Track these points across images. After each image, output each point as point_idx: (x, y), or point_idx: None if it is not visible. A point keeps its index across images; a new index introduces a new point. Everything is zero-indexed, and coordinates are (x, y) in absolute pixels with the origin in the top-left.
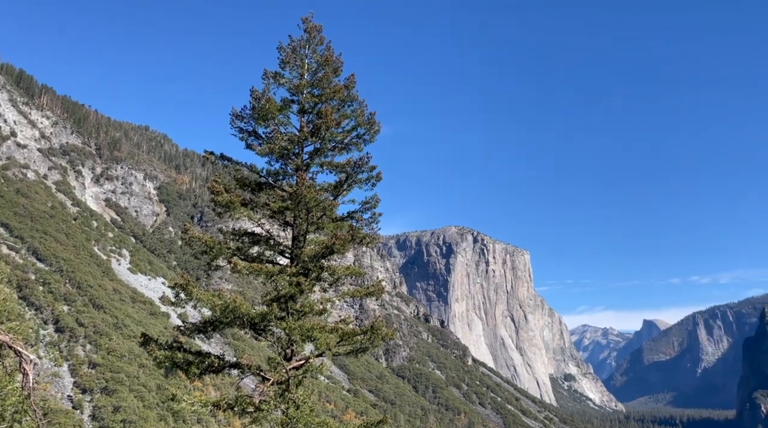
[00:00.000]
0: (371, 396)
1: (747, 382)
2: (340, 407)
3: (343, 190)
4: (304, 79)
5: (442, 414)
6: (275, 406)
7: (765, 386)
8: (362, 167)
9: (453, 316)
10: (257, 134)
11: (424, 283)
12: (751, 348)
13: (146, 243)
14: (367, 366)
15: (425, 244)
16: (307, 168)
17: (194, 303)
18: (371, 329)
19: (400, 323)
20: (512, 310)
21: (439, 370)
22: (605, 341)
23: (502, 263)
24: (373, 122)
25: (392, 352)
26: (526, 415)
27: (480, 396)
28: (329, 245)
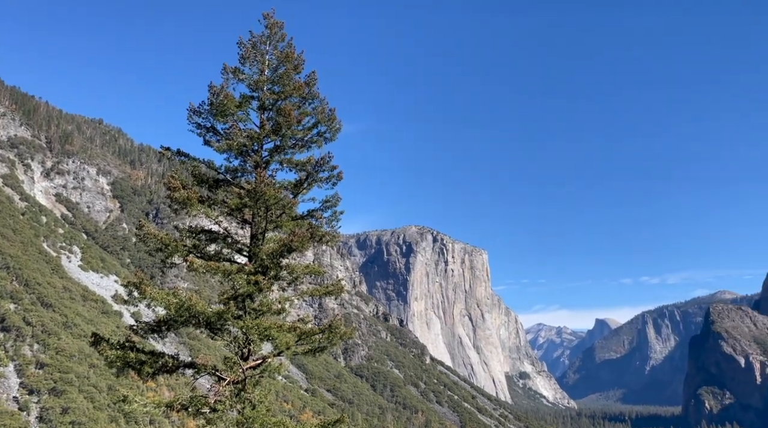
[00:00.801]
0: (329, 395)
1: (692, 379)
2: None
3: (303, 188)
4: (264, 75)
5: (400, 413)
6: (231, 406)
7: (709, 383)
8: (323, 165)
9: (412, 315)
10: (215, 130)
11: (383, 282)
12: (697, 347)
13: (99, 240)
14: (325, 365)
15: (385, 243)
16: (267, 165)
17: (148, 302)
18: (330, 328)
19: (359, 322)
20: (470, 309)
21: (398, 369)
22: (559, 339)
23: (460, 262)
24: (334, 119)
25: (351, 351)
26: (482, 413)
27: (437, 395)
28: (288, 243)
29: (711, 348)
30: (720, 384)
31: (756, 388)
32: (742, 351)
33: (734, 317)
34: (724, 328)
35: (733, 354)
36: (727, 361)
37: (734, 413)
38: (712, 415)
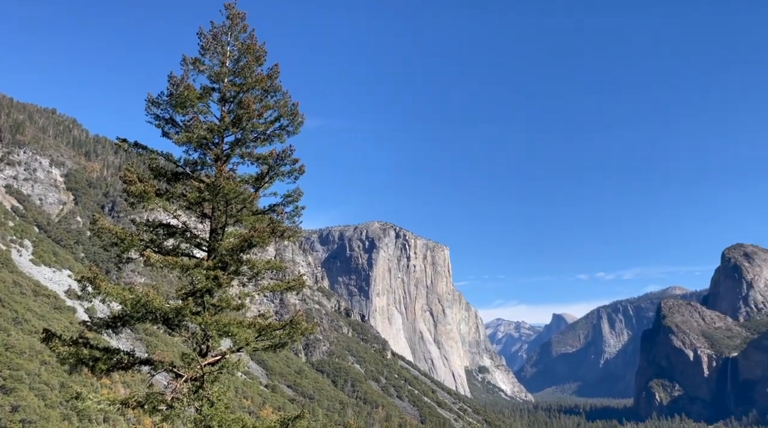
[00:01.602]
0: (290, 391)
1: (644, 372)
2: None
3: (264, 182)
4: (226, 67)
5: (361, 408)
6: (188, 403)
7: (660, 376)
8: (285, 159)
9: (374, 310)
10: (174, 121)
11: (346, 278)
12: (648, 341)
13: (51, 233)
14: (286, 361)
15: (348, 239)
16: (227, 159)
17: (103, 297)
18: (291, 323)
19: (320, 317)
20: (431, 304)
21: (359, 364)
22: (517, 334)
23: (422, 258)
24: (297, 113)
25: (312, 347)
26: (441, 407)
27: (398, 389)
28: (249, 238)
29: (662, 342)
30: (670, 376)
31: (703, 381)
32: (690, 345)
33: (684, 312)
34: (674, 323)
35: (682, 347)
36: (676, 355)
37: (683, 405)
38: (662, 407)
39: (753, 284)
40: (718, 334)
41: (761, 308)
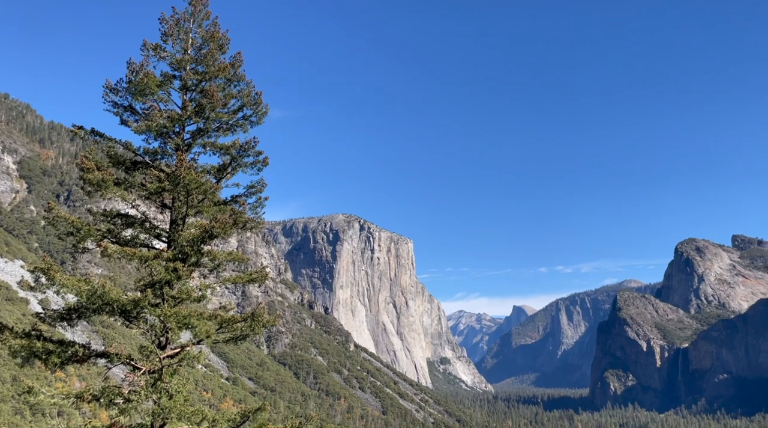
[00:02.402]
0: (251, 383)
1: (599, 363)
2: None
3: (227, 173)
4: (188, 54)
5: (323, 400)
6: (146, 396)
7: (614, 366)
8: (248, 150)
9: (337, 303)
10: (134, 109)
11: (309, 270)
12: (604, 332)
13: (3, 223)
14: (247, 354)
15: (312, 231)
16: (189, 148)
17: (57, 288)
18: (252, 316)
19: (283, 310)
20: (395, 297)
21: (322, 356)
22: (479, 326)
23: (386, 251)
24: (261, 103)
25: (274, 339)
26: (403, 398)
27: (360, 381)
28: (210, 229)
29: (617, 333)
30: (624, 367)
31: (656, 371)
32: (644, 336)
33: (638, 305)
34: (629, 315)
35: (636, 339)
36: (631, 345)
37: (636, 394)
38: (616, 396)
39: (704, 278)
40: (670, 326)
41: (711, 300)
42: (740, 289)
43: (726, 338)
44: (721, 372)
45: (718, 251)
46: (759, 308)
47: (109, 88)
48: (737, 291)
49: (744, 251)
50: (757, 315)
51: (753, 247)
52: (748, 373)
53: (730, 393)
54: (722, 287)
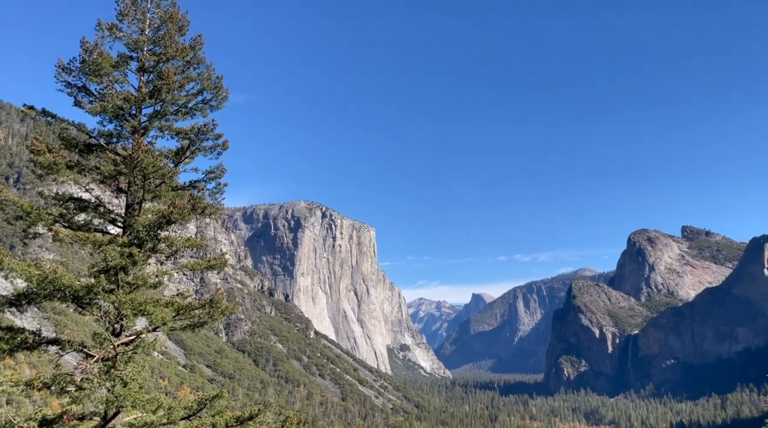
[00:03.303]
0: (209, 371)
1: (554, 349)
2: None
3: (185, 157)
4: (145, 34)
5: (282, 387)
6: (99, 384)
7: (568, 352)
8: (207, 134)
9: (298, 290)
10: (88, 90)
11: (270, 257)
12: (559, 319)
13: None
14: (205, 341)
15: (273, 218)
16: (146, 131)
17: (6, 273)
18: (211, 303)
19: (243, 297)
20: (356, 284)
21: (281, 343)
22: (438, 313)
23: (348, 238)
24: (221, 87)
25: (233, 326)
26: (362, 384)
27: (320, 368)
28: (168, 214)
29: (571, 320)
30: (577, 353)
31: (607, 356)
32: (597, 323)
33: (592, 293)
34: (583, 302)
35: (589, 326)
36: (584, 332)
37: (588, 379)
38: (569, 382)
39: (654, 267)
40: (622, 313)
41: (660, 289)
42: (688, 278)
43: (673, 325)
44: (669, 357)
45: (669, 242)
46: (705, 297)
47: (62, 68)
48: (685, 280)
49: (692, 242)
50: (703, 303)
51: (701, 238)
52: (693, 359)
53: (676, 377)
54: (671, 276)
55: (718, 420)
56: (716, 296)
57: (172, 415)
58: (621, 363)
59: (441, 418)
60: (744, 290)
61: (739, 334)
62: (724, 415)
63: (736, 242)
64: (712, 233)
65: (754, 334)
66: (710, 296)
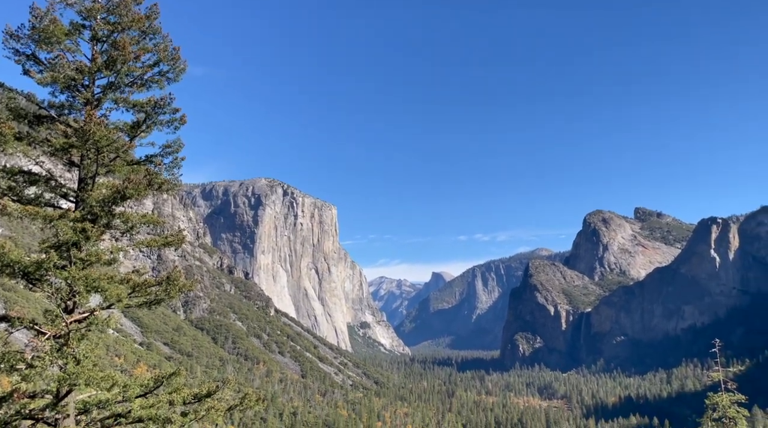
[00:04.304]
0: (167, 348)
1: (510, 326)
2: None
3: (141, 131)
4: (99, 2)
5: (241, 364)
6: (51, 362)
7: (524, 330)
8: (164, 107)
9: (258, 268)
10: (37, 58)
11: (230, 234)
12: (516, 297)
13: None
14: (163, 319)
15: (233, 195)
16: (99, 103)
17: None
18: (168, 280)
19: (201, 274)
20: (317, 263)
21: (241, 321)
22: (399, 291)
23: (310, 216)
24: (178, 58)
25: (192, 304)
26: (323, 361)
27: (280, 345)
28: (122, 189)
29: (527, 298)
30: (533, 330)
31: (561, 333)
32: (552, 302)
33: (548, 272)
34: (539, 281)
35: (545, 304)
36: (540, 310)
37: (542, 355)
38: (524, 358)
39: (608, 247)
40: (576, 291)
41: (613, 268)
42: (639, 258)
43: (624, 303)
44: (619, 334)
45: (622, 223)
46: (655, 276)
47: (10, 34)
48: (637, 260)
49: (644, 223)
50: (653, 282)
51: (653, 219)
52: (642, 335)
53: (626, 353)
54: (624, 256)
55: (664, 394)
56: (665, 275)
57: (128, 393)
58: (574, 339)
59: (400, 394)
60: (691, 269)
61: (685, 312)
62: (669, 389)
63: (685, 223)
64: (663, 214)
65: (700, 312)
66: (660, 275)
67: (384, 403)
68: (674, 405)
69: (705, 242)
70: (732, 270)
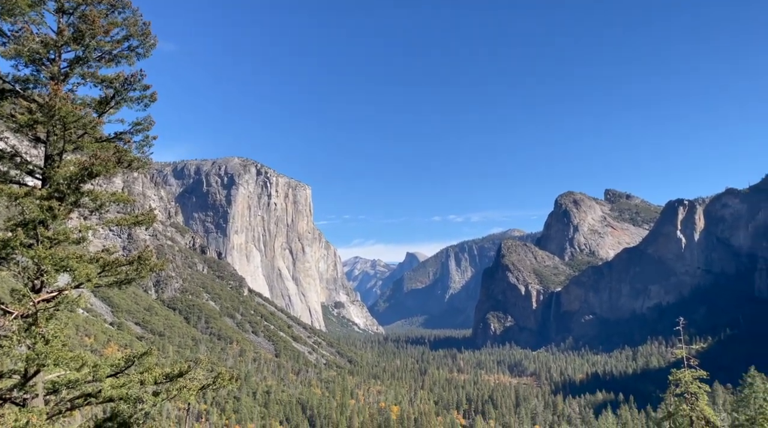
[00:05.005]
0: (138, 328)
1: (482, 306)
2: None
3: (109, 107)
4: None
5: (215, 344)
6: (19, 341)
7: (496, 309)
8: (134, 83)
9: (231, 248)
10: (1, 30)
11: (202, 214)
12: (488, 277)
13: None
14: (134, 298)
15: (205, 174)
16: (66, 78)
17: None
18: (138, 259)
19: (173, 254)
20: (291, 243)
21: (214, 301)
22: (373, 271)
23: (284, 197)
24: (148, 33)
25: (164, 284)
26: (296, 341)
27: (254, 325)
28: (90, 167)
29: (499, 278)
30: (504, 309)
31: (532, 312)
32: (523, 281)
33: (520, 252)
34: (511, 261)
35: (516, 283)
36: (511, 289)
37: (513, 334)
38: (496, 336)
39: (578, 228)
40: (546, 271)
41: (583, 249)
42: (608, 239)
43: (593, 283)
44: (587, 313)
45: (592, 204)
46: (623, 256)
47: None
48: (606, 241)
49: (614, 204)
50: (621, 263)
51: (622, 201)
52: (609, 314)
53: (593, 332)
54: (593, 237)
55: (630, 371)
56: (633, 256)
57: (98, 373)
58: (544, 318)
59: (373, 372)
60: (658, 250)
61: (651, 291)
62: (635, 366)
63: (653, 205)
64: (633, 196)
65: (665, 291)
66: (628, 256)
67: (357, 381)
68: (639, 381)
69: (672, 223)
70: (697, 251)
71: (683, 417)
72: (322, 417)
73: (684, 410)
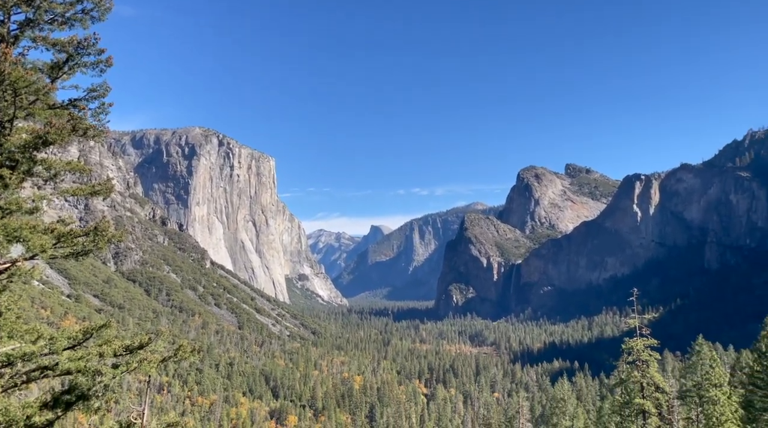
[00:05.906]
0: (96, 301)
1: (445, 278)
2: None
3: (63, 72)
4: None
5: (176, 316)
6: None
7: (458, 281)
8: (88, 48)
9: (193, 220)
10: None
11: (162, 185)
12: (451, 250)
13: None
14: (92, 270)
15: (165, 143)
16: (16, 41)
17: None
18: (95, 230)
19: (133, 225)
20: (254, 215)
21: (175, 273)
22: (338, 244)
23: (247, 168)
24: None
25: (123, 255)
26: (260, 313)
27: (216, 298)
28: (44, 134)
29: (462, 251)
30: (466, 281)
31: (493, 284)
32: (485, 254)
33: (482, 225)
34: (473, 234)
35: (478, 256)
36: (473, 262)
37: (474, 305)
38: (458, 307)
39: (539, 202)
40: (507, 244)
41: (543, 222)
42: (568, 212)
43: (552, 255)
44: (546, 284)
45: (553, 178)
46: (581, 229)
47: None
48: (565, 214)
49: (574, 179)
50: (580, 236)
51: (582, 175)
52: (567, 285)
53: (552, 302)
54: (554, 210)
55: (585, 340)
56: (591, 229)
57: (55, 345)
58: (505, 289)
59: (337, 344)
60: (615, 223)
61: (608, 263)
62: (590, 335)
63: (611, 179)
64: (592, 170)
65: (621, 263)
66: (586, 229)
67: (321, 353)
68: (594, 350)
69: (628, 197)
70: (651, 224)
71: (634, 383)
72: (286, 388)
73: (635, 377)
